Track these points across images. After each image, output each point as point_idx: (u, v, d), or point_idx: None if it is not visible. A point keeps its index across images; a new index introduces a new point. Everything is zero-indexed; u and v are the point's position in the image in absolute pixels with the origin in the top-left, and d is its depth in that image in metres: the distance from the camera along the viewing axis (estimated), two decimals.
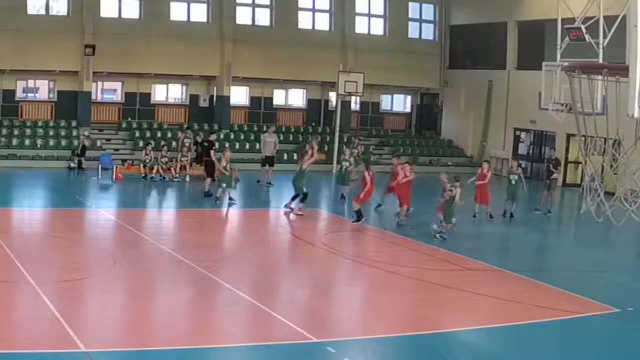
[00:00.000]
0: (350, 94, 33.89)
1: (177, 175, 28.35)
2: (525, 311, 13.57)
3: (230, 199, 23.03)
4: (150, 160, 28.48)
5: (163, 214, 24.03)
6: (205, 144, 27.49)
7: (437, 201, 20.46)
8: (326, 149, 35.02)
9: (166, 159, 28.66)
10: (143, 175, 28.34)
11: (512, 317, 13.33)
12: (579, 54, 17.47)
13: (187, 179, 28.33)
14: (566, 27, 17.52)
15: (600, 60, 16.31)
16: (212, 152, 25.94)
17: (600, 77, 16.16)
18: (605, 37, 16.39)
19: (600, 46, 16.43)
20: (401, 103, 42.30)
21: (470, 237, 20.74)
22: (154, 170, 28.35)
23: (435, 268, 16.66)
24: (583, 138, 16.84)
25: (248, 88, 37.56)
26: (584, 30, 16.84)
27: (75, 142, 31.51)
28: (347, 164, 24.70)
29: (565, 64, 16.67)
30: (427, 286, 15.13)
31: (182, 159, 28.64)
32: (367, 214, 21.43)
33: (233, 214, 22.17)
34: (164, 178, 28.24)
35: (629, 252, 20.85)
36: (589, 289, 15.18)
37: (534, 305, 13.88)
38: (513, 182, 23.55)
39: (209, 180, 25.25)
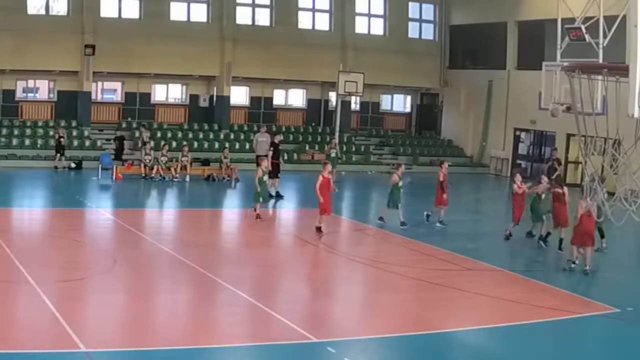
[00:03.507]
0: (350, 94, 33.83)
1: (177, 175, 28.37)
2: (525, 311, 13.57)
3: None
4: (150, 160, 28.50)
5: (163, 214, 24.02)
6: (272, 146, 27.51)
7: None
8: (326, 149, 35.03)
9: (166, 159, 28.67)
10: (143, 175, 28.36)
11: (512, 317, 13.33)
12: (579, 54, 17.45)
13: (187, 178, 28.35)
14: (566, 27, 17.49)
15: (600, 60, 16.30)
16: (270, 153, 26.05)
17: (600, 77, 16.15)
18: (605, 37, 16.38)
19: (600, 46, 16.42)
20: (401, 103, 42.30)
21: (471, 237, 20.75)
22: (154, 170, 28.38)
23: (435, 268, 16.67)
24: (583, 138, 16.84)
25: (248, 88, 37.57)
26: (584, 30, 16.81)
27: (75, 142, 31.55)
28: (402, 182, 21.15)
29: (565, 64, 16.64)
30: (427, 286, 15.13)
31: (183, 159, 28.64)
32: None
33: (233, 214, 22.16)
34: (164, 178, 28.26)
35: (629, 252, 20.83)
36: (589, 289, 15.18)
37: (534, 305, 13.88)
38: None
39: (277, 180, 25.46)
